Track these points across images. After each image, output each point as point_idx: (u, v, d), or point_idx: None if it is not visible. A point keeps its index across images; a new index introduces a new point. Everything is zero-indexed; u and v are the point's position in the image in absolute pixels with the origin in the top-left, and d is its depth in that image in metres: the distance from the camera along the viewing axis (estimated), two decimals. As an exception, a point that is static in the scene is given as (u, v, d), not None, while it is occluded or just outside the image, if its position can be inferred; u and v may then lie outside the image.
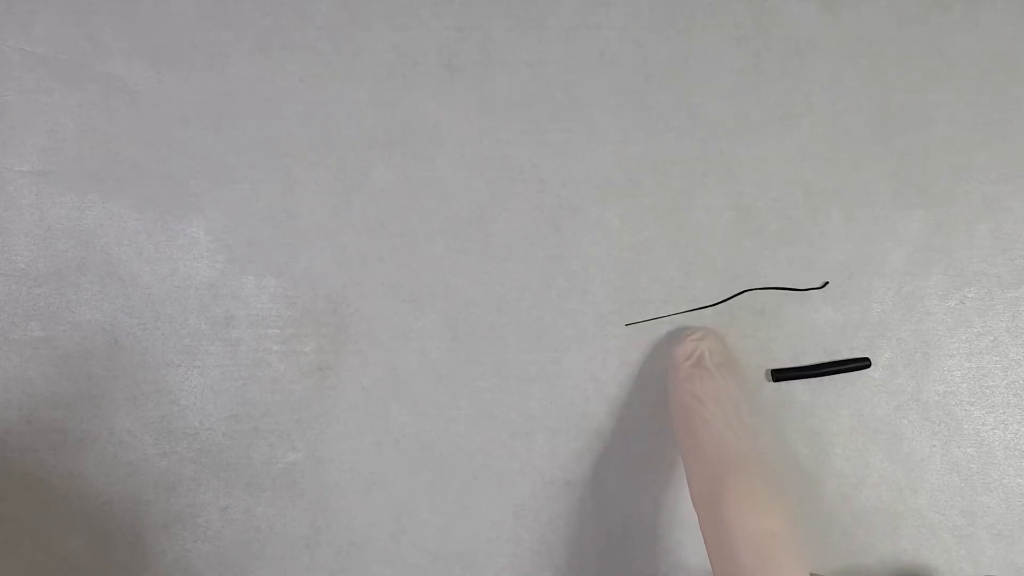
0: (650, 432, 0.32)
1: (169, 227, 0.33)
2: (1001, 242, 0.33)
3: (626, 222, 0.33)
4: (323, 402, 0.32)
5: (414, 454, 0.32)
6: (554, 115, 0.33)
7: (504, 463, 0.32)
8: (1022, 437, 0.33)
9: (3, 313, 0.32)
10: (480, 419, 0.32)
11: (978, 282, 0.33)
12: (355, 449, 0.32)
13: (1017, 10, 0.33)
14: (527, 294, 0.33)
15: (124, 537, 0.32)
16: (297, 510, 0.32)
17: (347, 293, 0.33)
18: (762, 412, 0.32)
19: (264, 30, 0.33)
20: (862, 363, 0.32)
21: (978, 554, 0.32)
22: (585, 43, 0.33)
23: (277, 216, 0.33)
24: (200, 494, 0.32)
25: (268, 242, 0.33)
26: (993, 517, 0.32)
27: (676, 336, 0.32)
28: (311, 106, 0.33)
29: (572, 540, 0.32)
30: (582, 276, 0.33)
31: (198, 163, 0.33)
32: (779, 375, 0.32)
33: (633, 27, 0.33)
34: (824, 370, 0.31)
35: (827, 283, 0.33)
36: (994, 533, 0.32)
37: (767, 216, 0.33)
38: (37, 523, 0.32)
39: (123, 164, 0.33)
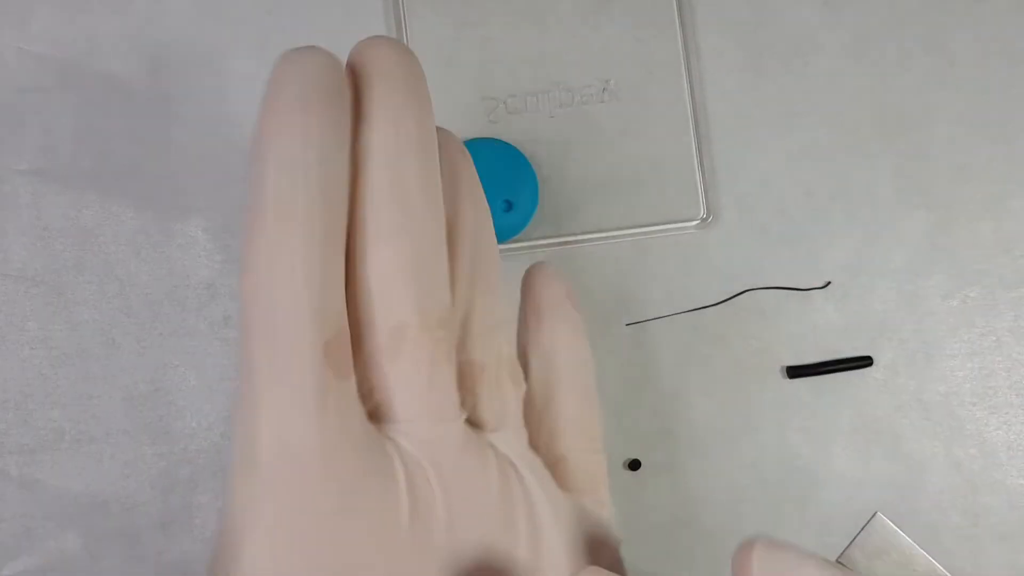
0: (650, 431, 0.32)
1: (167, 226, 0.32)
2: (1003, 242, 0.33)
3: (626, 220, 0.33)
4: (322, 402, 0.32)
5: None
6: (553, 113, 0.33)
7: (504, 464, 0.32)
8: (1025, 438, 0.32)
9: (0, 313, 0.32)
10: (480, 420, 0.32)
11: (980, 282, 0.33)
12: (354, 450, 0.32)
13: (1019, 8, 0.33)
14: (527, 294, 0.33)
15: (121, 537, 0.32)
16: (295, 511, 0.32)
17: (346, 293, 0.32)
18: None
19: (263, 29, 0.33)
20: (865, 361, 0.32)
21: (980, 555, 0.32)
22: (586, 41, 0.33)
23: (275, 215, 0.32)
24: (197, 495, 0.32)
25: (266, 241, 0.32)
26: (996, 518, 0.32)
27: None
28: (310, 105, 0.33)
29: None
30: (582, 276, 0.33)
31: (196, 162, 0.32)
32: (794, 372, 0.32)
33: (634, 25, 0.33)
34: (835, 367, 0.31)
35: (829, 283, 0.33)
36: (997, 534, 0.32)
37: (768, 215, 0.33)
38: (33, 523, 0.32)
39: (120, 163, 0.32)
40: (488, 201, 0.33)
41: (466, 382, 0.15)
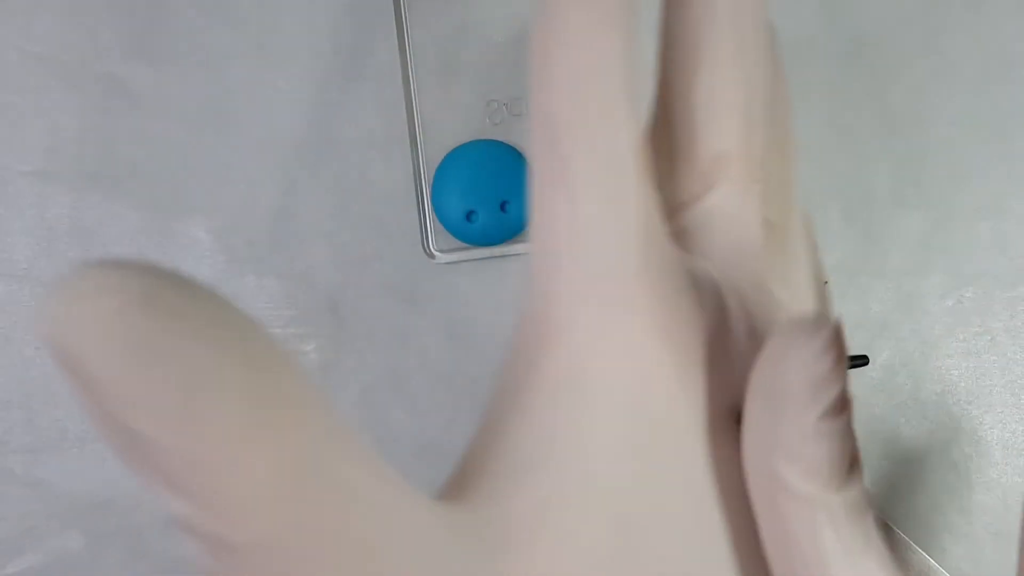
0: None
1: (169, 227, 0.33)
2: (1000, 242, 0.33)
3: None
4: (323, 402, 0.32)
5: (414, 454, 0.32)
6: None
7: (504, 462, 0.32)
8: (1020, 436, 0.33)
9: (3, 314, 0.32)
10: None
11: (977, 282, 0.33)
12: (355, 449, 0.32)
13: (1018, 9, 0.33)
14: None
15: (123, 536, 0.32)
16: (297, 509, 0.32)
17: (347, 293, 0.33)
18: None
19: (264, 30, 0.33)
20: (861, 360, 0.32)
21: (977, 553, 0.32)
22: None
23: (277, 216, 0.33)
24: (200, 494, 0.32)
25: (268, 242, 0.33)
26: (991, 516, 0.32)
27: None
28: (311, 106, 0.33)
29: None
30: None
31: (198, 163, 0.33)
32: None
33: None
34: None
35: (826, 282, 0.33)
36: (992, 532, 0.32)
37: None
38: (36, 522, 0.32)
39: (123, 164, 0.33)
40: (488, 203, 0.33)
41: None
